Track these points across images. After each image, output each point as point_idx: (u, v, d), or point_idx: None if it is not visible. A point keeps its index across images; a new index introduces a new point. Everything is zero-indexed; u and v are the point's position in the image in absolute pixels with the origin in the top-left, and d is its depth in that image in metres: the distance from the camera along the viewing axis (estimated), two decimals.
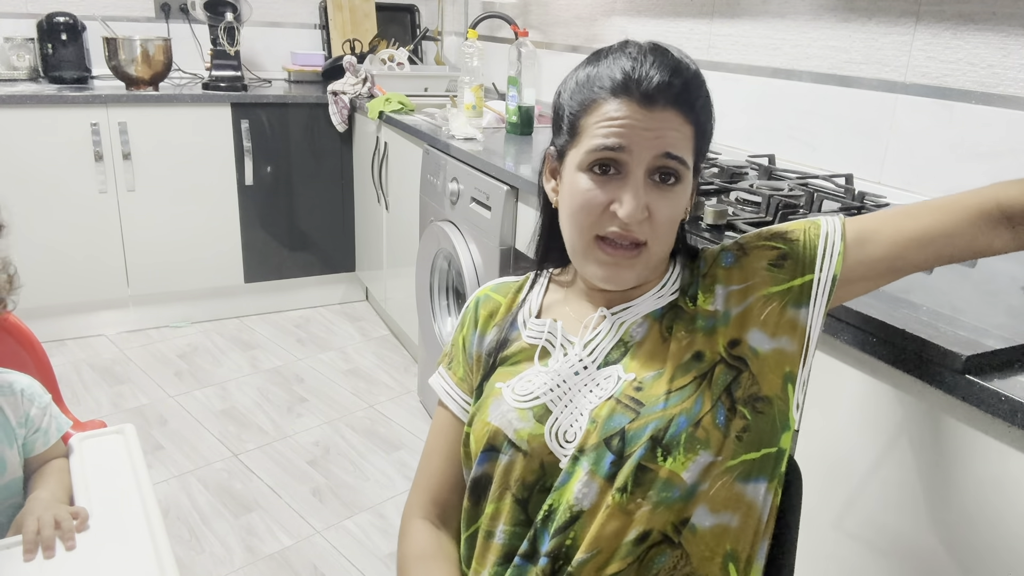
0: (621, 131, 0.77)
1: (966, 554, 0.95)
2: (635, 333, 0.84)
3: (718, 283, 0.84)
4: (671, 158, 0.78)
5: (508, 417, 0.82)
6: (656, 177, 0.79)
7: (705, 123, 0.82)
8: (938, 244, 0.81)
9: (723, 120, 2.18)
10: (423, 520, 0.91)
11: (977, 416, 0.92)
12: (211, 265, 3.10)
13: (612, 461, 0.76)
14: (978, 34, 1.55)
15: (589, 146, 0.79)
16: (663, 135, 0.77)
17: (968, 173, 1.58)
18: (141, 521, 0.95)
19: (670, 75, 0.78)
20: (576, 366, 0.83)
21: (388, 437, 2.40)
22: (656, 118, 0.77)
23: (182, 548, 1.90)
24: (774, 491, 0.81)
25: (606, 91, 0.78)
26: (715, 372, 0.79)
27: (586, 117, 0.80)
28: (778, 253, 0.83)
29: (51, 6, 2.99)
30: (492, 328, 0.92)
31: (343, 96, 3.03)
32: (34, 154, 2.69)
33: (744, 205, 1.59)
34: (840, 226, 0.83)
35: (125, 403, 2.54)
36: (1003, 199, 0.80)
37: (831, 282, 0.81)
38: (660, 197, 0.79)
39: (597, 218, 0.79)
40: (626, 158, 0.77)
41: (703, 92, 0.82)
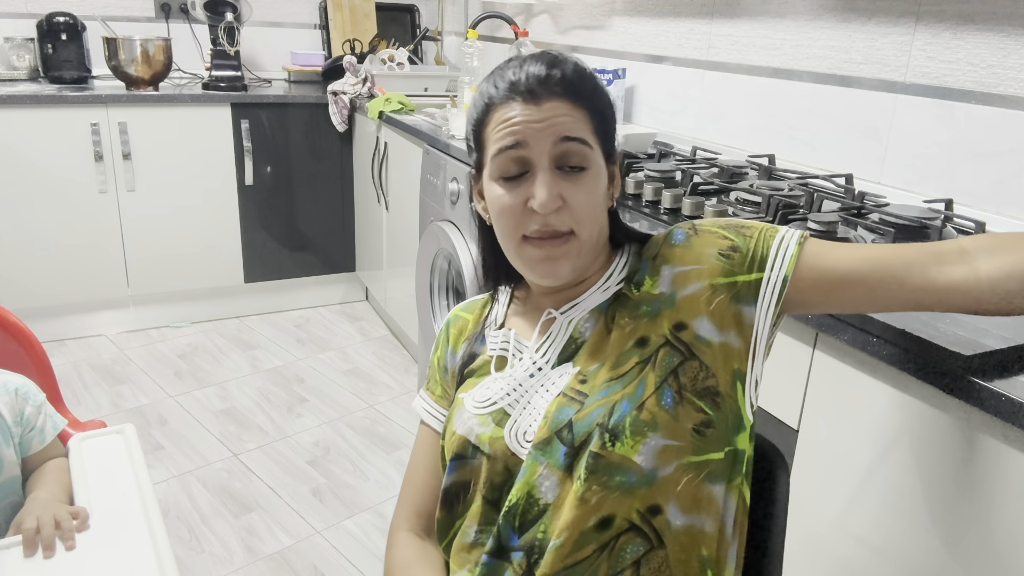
0: (515, 129, 0.80)
1: (966, 554, 0.95)
2: (583, 329, 0.85)
3: (666, 263, 0.84)
4: (569, 140, 0.80)
5: (469, 424, 0.86)
6: (565, 167, 0.81)
7: (599, 107, 0.83)
8: (896, 275, 0.78)
9: (723, 120, 2.19)
10: (408, 532, 0.94)
11: (977, 416, 0.92)
12: (211, 265, 3.10)
13: (565, 452, 0.78)
14: (978, 34, 1.55)
15: (493, 151, 0.82)
16: (555, 122, 0.79)
17: (968, 173, 1.58)
18: (141, 521, 0.95)
19: (547, 68, 0.81)
20: (531, 368, 0.86)
21: (388, 437, 2.40)
22: (544, 109, 0.80)
23: (182, 548, 1.90)
24: (736, 494, 0.81)
25: (496, 99, 0.82)
26: (659, 355, 0.79)
27: (485, 129, 0.84)
28: (729, 244, 0.82)
29: (51, 6, 2.99)
30: (462, 344, 0.95)
31: (343, 96, 3.03)
32: (34, 154, 2.69)
33: (744, 205, 1.59)
34: (799, 235, 0.83)
35: (125, 403, 2.54)
36: (965, 242, 0.78)
37: (781, 283, 0.80)
38: (571, 184, 0.80)
39: (519, 219, 0.82)
40: (527, 154, 0.80)
41: (587, 79, 0.84)
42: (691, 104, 2.31)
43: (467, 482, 0.86)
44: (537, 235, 0.81)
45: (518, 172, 0.81)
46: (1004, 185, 1.52)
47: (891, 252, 0.79)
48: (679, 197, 1.53)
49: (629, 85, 2.53)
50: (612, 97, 0.88)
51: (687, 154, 2.05)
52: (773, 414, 1.22)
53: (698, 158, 1.99)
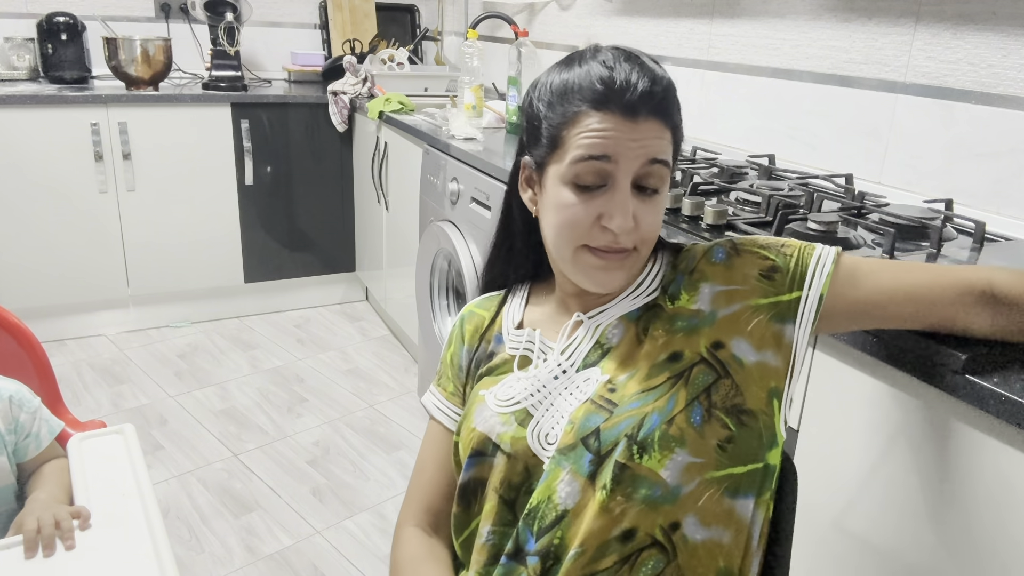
0: (606, 142, 0.76)
1: (966, 554, 0.95)
2: (611, 335, 0.85)
3: (705, 280, 0.84)
4: (657, 163, 0.79)
5: (491, 422, 0.85)
6: (642, 187, 0.80)
7: (679, 126, 0.83)
8: (921, 306, 0.82)
9: (723, 120, 2.19)
10: (415, 528, 0.93)
11: (977, 416, 0.92)
12: (211, 265, 3.10)
13: (590, 460, 0.78)
14: (978, 34, 1.55)
15: (574, 156, 0.78)
16: (647, 143, 0.77)
17: (968, 173, 1.58)
18: (141, 521, 0.95)
19: (651, 84, 0.77)
20: (555, 370, 0.85)
21: (388, 437, 2.40)
22: (640, 128, 0.77)
23: (182, 548, 1.90)
24: (765, 508, 0.81)
25: (587, 103, 0.77)
26: (693, 371, 0.79)
27: (567, 129, 0.79)
28: (770, 265, 0.83)
29: (51, 6, 2.99)
30: (478, 341, 0.95)
31: (343, 96, 3.03)
32: (34, 154, 2.69)
33: (744, 205, 1.59)
34: (835, 253, 0.83)
35: (125, 403, 2.54)
36: (996, 283, 0.82)
37: (818, 301, 0.81)
38: (645, 206, 0.80)
39: (586, 231, 0.80)
40: (611, 168, 0.77)
41: (675, 97, 0.82)
42: (691, 104, 2.31)
43: (484, 479, 0.85)
44: (603, 248, 0.81)
45: (596, 184, 0.78)
46: (1004, 185, 1.52)
47: (921, 285, 0.82)
48: (679, 197, 1.53)
49: None
50: None
51: (687, 154, 2.05)
52: None
53: (698, 158, 1.99)
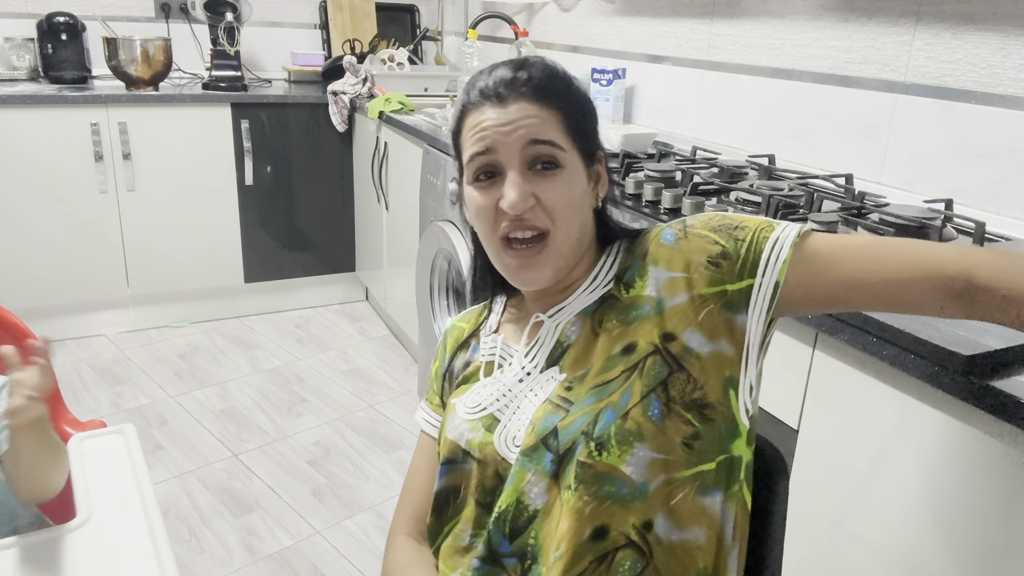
0: (484, 134, 0.81)
1: (966, 554, 0.95)
2: (570, 333, 0.85)
3: (656, 264, 0.82)
4: (539, 143, 0.80)
5: (460, 429, 0.86)
6: (538, 167, 0.81)
7: (572, 106, 0.83)
8: (888, 295, 0.74)
9: (723, 120, 2.19)
10: (406, 536, 0.95)
11: (977, 416, 0.92)
12: (211, 265, 3.10)
13: (552, 459, 0.78)
14: (978, 34, 1.55)
15: (466, 158, 0.83)
16: (522, 124, 0.80)
17: (968, 173, 1.58)
18: (141, 521, 0.95)
19: (514, 71, 0.82)
20: (519, 373, 0.86)
21: (388, 437, 2.40)
22: (510, 111, 0.80)
23: (182, 548, 1.90)
24: (735, 501, 0.80)
25: (468, 105, 0.84)
26: (647, 363, 0.78)
27: (461, 136, 0.85)
28: (719, 251, 0.79)
29: (51, 6, 2.99)
30: (459, 353, 0.96)
31: (343, 96, 3.03)
32: (34, 154, 2.69)
33: (744, 205, 1.59)
34: (794, 235, 0.78)
35: (125, 403, 2.54)
36: (977, 277, 0.70)
37: (772, 289, 0.77)
38: (544, 182, 0.81)
39: (493, 220, 0.82)
40: (497, 158, 0.81)
41: (558, 79, 0.84)
42: (691, 104, 2.31)
43: (457, 487, 0.87)
44: (512, 233, 0.82)
45: (490, 175, 0.82)
46: (1004, 185, 1.52)
47: (896, 272, 0.73)
48: (679, 197, 1.53)
49: (629, 85, 2.53)
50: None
51: (687, 154, 2.05)
52: (773, 414, 1.22)
53: (698, 158, 1.99)
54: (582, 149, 0.84)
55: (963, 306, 0.71)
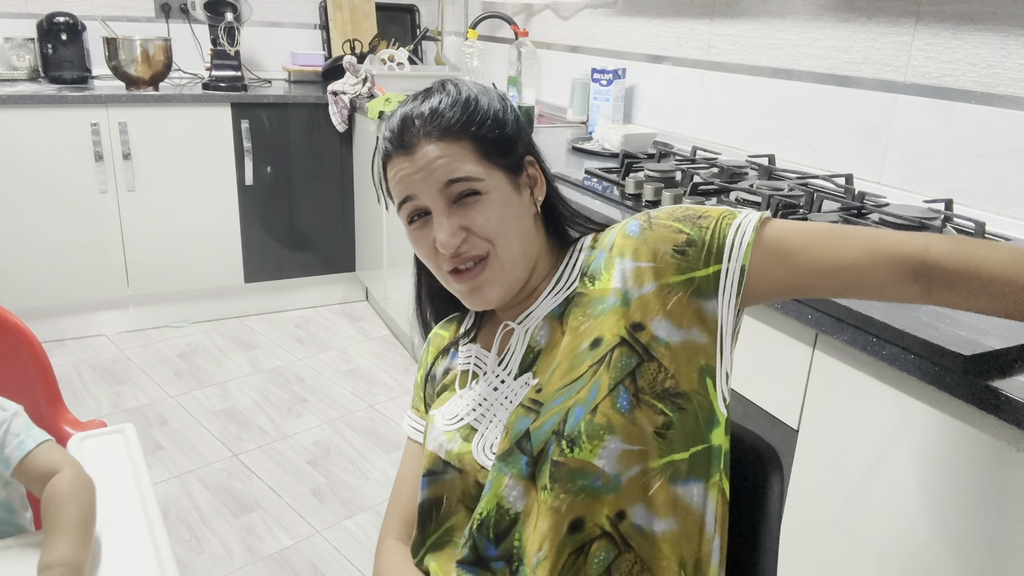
0: (402, 185, 0.82)
1: (966, 554, 0.95)
2: (539, 338, 0.85)
3: (621, 256, 0.82)
4: (454, 182, 0.80)
5: (439, 440, 0.87)
6: (459, 200, 0.81)
7: (480, 130, 0.82)
8: (848, 279, 0.75)
9: (723, 120, 2.19)
10: (395, 540, 0.95)
11: (977, 416, 0.92)
12: (211, 265, 3.10)
13: (526, 462, 0.78)
14: (978, 34, 1.55)
15: (395, 207, 0.86)
16: (431, 169, 0.80)
17: (968, 173, 1.58)
18: (141, 521, 0.95)
19: (412, 112, 0.83)
20: (494, 382, 0.87)
21: (388, 437, 2.40)
22: (418, 159, 0.81)
23: (182, 548, 1.90)
24: (717, 491, 0.80)
25: (385, 152, 0.85)
26: (614, 355, 0.78)
27: (387, 182, 0.87)
28: (685, 239, 0.79)
29: (51, 6, 2.99)
30: (440, 360, 0.97)
31: (343, 96, 3.03)
32: (34, 154, 2.69)
33: (744, 205, 1.59)
34: (756, 220, 0.79)
35: (125, 403, 2.54)
36: (930, 256, 0.72)
37: (739, 273, 0.77)
38: (470, 212, 0.81)
39: (435, 256, 0.84)
40: (420, 203, 0.82)
41: (459, 106, 0.83)
42: (691, 104, 2.31)
43: (440, 497, 0.87)
44: (457, 267, 0.83)
45: (422, 214, 0.83)
46: (1004, 185, 1.52)
47: (855, 258, 0.75)
48: (679, 197, 1.53)
49: (629, 85, 2.53)
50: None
51: (687, 154, 2.05)
52: (773, 414, 1.22)
53: (698, 158, 1.99)
54: (503, 166, 0.83)
55: (921, 288, 0.73)
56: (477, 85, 0.87)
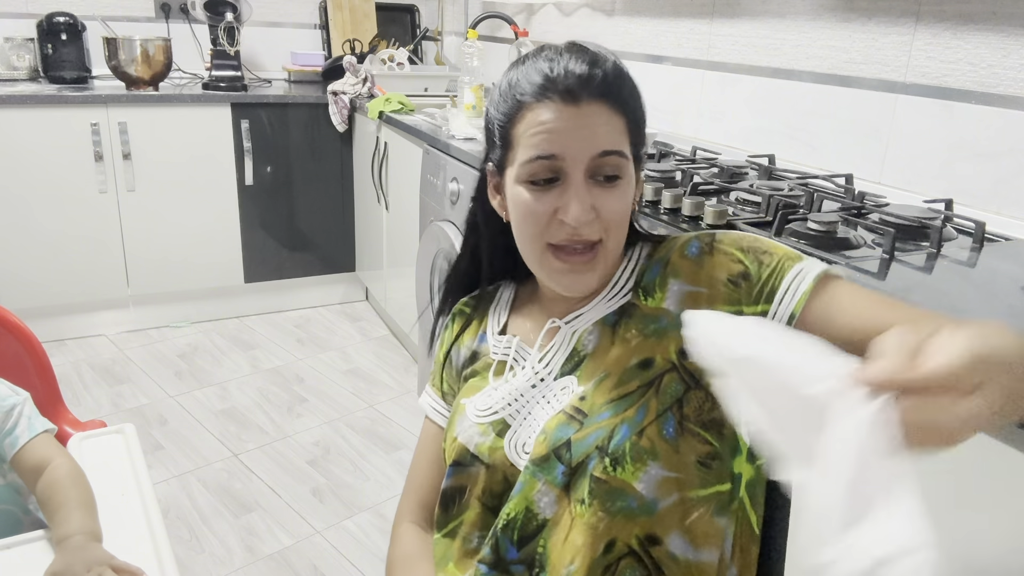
0: (551, 136, 0.75)
1: (966, 553, 0.95)
2: (587, 342, 0.82)
3: (676, 276, 0.80)
4: (608, 154, 0.76)
5: (470, 433, 0.85)
6: (599, 177, 0.77)
7: (636, 110, 0.79)
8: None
9: (723, 120, 2.19)
10: (411, 524, 0.94)
11: None
12: (211, 265, 3.10)
13: (563, 471, 0.77)
14: (978, 34, 1.55)
15: (524, 157, 0.77)
16: (595, 131, 0.75)
17: (968, 173, 1.58)
18: (141, 521, 0.95)
19: (589, 67, 0.76)
20: (532, 379, 0.84)
21: (388, 437, 2.40)
22: (583, 114, 0.75)
23: (182, 548, 1.89)
24: (735, 518, 0.80)
25: (528, 96, 0.76)
26: (664, 380, 0.76)
27: (515, 127, 0.78)
28: (741, 270, 0.77)
29: (51, 6, 2.99)
30: (464, 340, 0.94)
31: (343, 96, 3.03)
32: (34, 154, 2.69)
33: (744, 205, 1.59)
34: (818, 272, 0.75)
35: (125, 403, 2.54)
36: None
37: (787, 319, 0.74)
38: (605, 194, 0.77)
39: (545, 227, 0.78)
40: (561, 164, 0.76)
41: (626, 79, 0.79)
42: (691, 104, 2.31)
43: (464, 487, 0.86)
44: (565, 245, 0.78)
45: (549, 178, 0.77)
46: (1004, 185, 1.52)
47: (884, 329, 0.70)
48: (679, 197, 1.53)
49: None
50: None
51: (687, 154, 2.05)
52: None
53: (698, 158, 1.99)
54: (635, 156, 0.80)
55: None
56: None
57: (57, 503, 0.92)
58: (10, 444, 0.99)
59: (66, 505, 0.91)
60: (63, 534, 0.88)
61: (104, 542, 0.91)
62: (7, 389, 1.03)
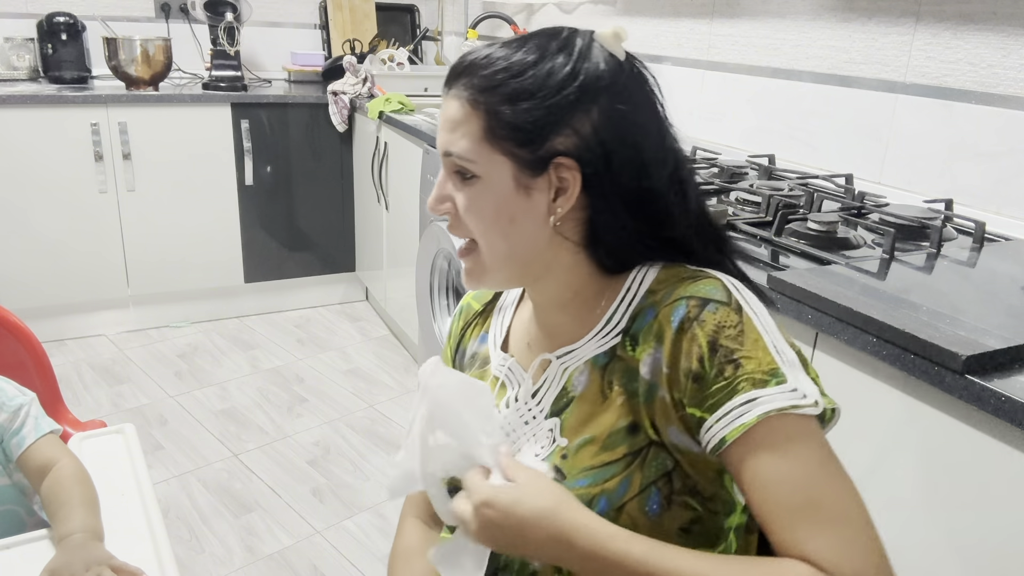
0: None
1: (966, 554, 0.95)
2: (577, 382, 0.76)
3: (657, 339, 0.71)
4: (447, 155, 0.74)
5: None
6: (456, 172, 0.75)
7: (498, 104, 0.70)
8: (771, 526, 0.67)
9: (723, 120, 2.19)
10: (416, 519, 0.94)
11: (977, 416, 0.92)
12: (211, 265, 3.10)
13: None
14: (978, 34, 1.55)
15: None
16: (444, 127, 0.74)
17: (968, 173, 1.58)
18: (141, 521, 0.95)
19: (464, 55, 0.74)
20: (526, 415, 0.80)
21: (388, 437, 2.40)
22: (444, 110, 0.74)
23: (182, 548, 1.89)
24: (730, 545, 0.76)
25: None
26: (650, 452, 0.71)
27: None
28: (697, 370, 0.68)
29: (51, 6, 2.99)
30: (470, 331, 0.93)
31: (343, 96, 3.03)
32: (34, 154, 2.69)
33: (744, 205, 1.59)
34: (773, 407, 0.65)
35: (125, 403, 2.54)
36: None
37: (718, 442, 0.66)
38: (462, 192, 0.74)
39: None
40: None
41: (489, 68, 0.71)
42: (691, 104, 2.31)
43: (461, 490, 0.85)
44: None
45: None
46: (1004, 185, 1.52)
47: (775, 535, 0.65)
48: None
49: None
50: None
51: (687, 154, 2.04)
52: None
53: (698, 158, 1.99)
54: (513, 156, 0.71)
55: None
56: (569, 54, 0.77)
57: (60, 501, 0.93)
58: (16, 444, 1.00)
59: (68, 503, 0.92)
60: (64, 532, 0.88)
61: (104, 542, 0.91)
62: (14, 389, 1.04)
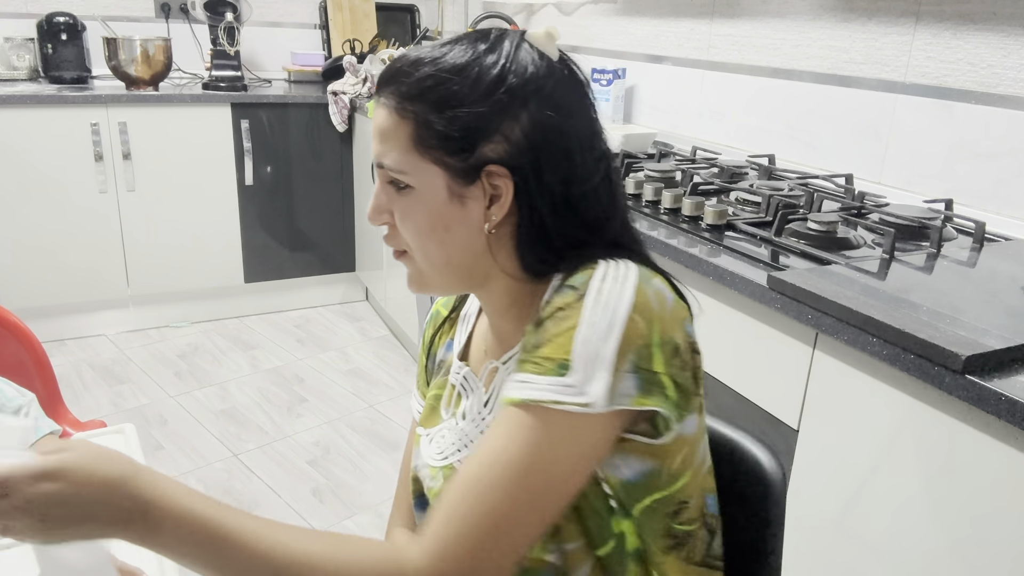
0: None
1: (966, 554, 0.95)
2: None
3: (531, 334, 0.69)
4: (380, 166, 0.72)
5: (423, 473, 0.84)
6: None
7: (426, 112, 0.68)
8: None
9: (723, 120, 2.19)
10: (402, 528, 0.93)
11: (977, 416, 0.92)
12: (211, 265, 3.10)
13: None
14: (978, 34, 1.55)
15: None
16: (377, 137, 0.72)
17: (968, 173, 1.58)
18: None
19: (394, 60, 0.72)
20: (481, 424, 0.81)
21: (388, 437, 2.40)
22: (375, 117, 0.72)
23: None
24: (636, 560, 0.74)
25: None
26: None
27: None
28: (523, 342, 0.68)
29: (51, 6, 2.99)
30: (440, 339, 0.93)
31: (343, 96, 3.03)
32: (34, 154, 2.69)
33: (744, 205, 1.59)
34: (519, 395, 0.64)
35: (125, 403, 2.54)
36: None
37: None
38: (394, 201, 0.72)
39: None
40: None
41: (417, 73, 0.68)
42: (691, 104, 2.31)
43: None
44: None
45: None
46: (1004, 185, 1.52)
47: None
48: (679, 197, 1.53)
49: (629, 85, 2.53)
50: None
51: (687, 154, 2.05)
52: (773, 414, 1.22)
53: (698, 158, 2.00)
54: (444, 164, 0.69)
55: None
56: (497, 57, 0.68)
57: None
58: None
59: None
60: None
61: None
62: (14, 391, 1.04)
